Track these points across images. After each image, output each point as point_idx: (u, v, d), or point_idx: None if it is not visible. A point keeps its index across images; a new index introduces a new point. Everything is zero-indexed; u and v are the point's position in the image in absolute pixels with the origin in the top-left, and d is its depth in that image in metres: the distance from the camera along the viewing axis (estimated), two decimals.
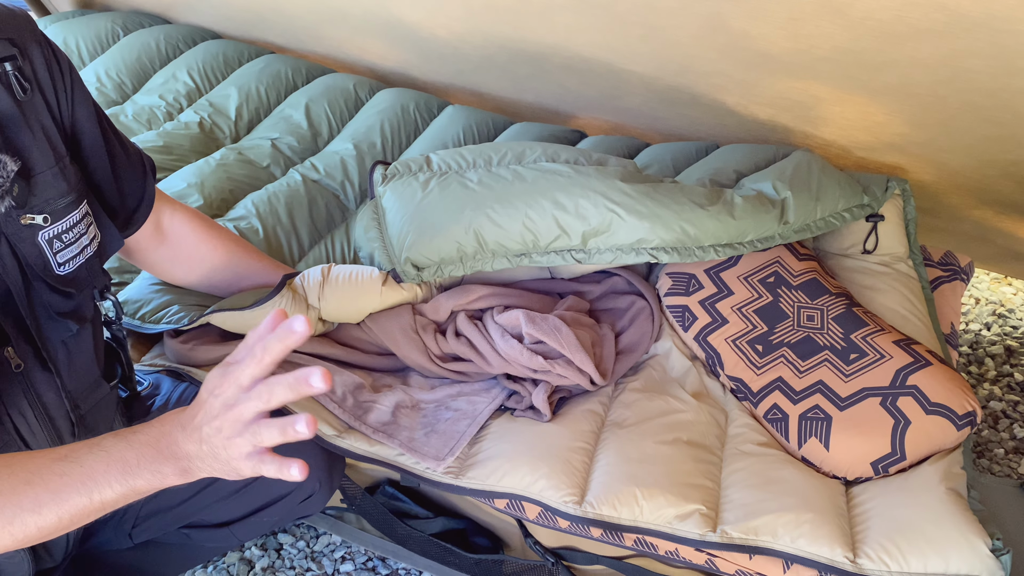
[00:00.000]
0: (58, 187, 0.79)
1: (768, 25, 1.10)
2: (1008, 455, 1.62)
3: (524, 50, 1.48)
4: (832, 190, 1.26)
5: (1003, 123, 1.14)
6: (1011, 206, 1.44)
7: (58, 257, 0.80)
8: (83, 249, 0.83)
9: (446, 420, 1.09)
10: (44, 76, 0.79)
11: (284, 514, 1.03)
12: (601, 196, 1.14)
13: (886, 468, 1.05)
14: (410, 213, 1.19)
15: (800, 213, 1.22)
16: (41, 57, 0.78)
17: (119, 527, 0.98)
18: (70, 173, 0.82)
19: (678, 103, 1.46)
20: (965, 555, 0.91)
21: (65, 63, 0.82)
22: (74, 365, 0.86)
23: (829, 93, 1.24)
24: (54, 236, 0.80)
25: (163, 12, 1.93)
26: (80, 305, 0.86)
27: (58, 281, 0.81)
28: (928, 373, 1.09)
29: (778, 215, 1.20)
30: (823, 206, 1.24)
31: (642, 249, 1.15)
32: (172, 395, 1.04)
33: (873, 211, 1.30)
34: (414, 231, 1.17)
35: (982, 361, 1.84)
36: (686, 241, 1.14)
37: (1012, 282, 2.08)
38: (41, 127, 0.78)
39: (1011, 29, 0.91)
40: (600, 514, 0.99)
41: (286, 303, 1.10)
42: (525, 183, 1.17)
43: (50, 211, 0.78)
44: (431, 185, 1.22)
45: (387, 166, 1.30)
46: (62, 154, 0.81)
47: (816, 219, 1.24)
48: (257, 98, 1.64)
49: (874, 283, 1.29)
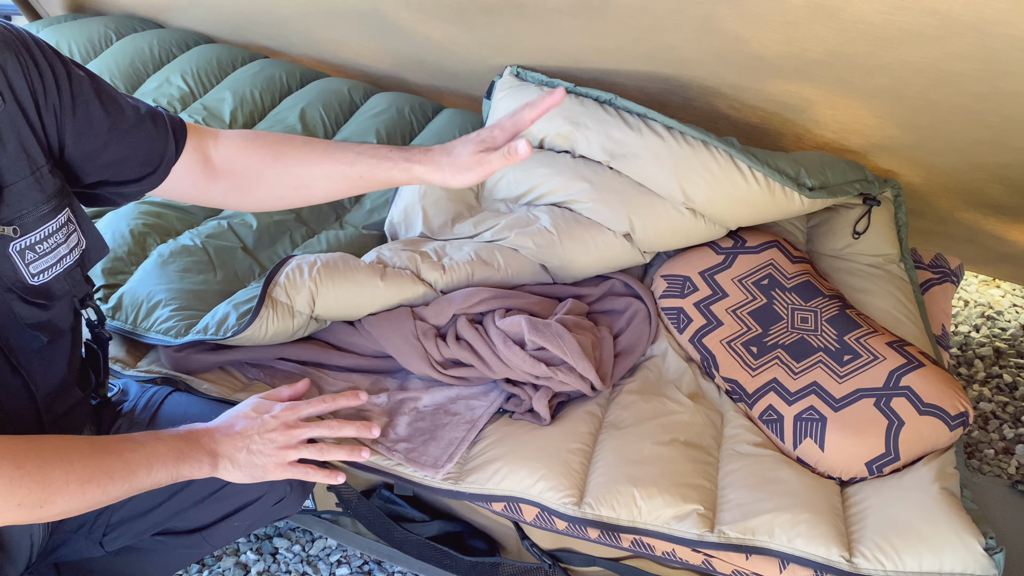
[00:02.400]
0: (32, 197, 0.78)
1: (761, 28, 1.11)
2: (998, 455, 1.64)
3: (518, 53, 1.48)
4: (838, 164, 1.31)
5: (993, 126, 1.15)
6: (1000, 209, 1.46)
7: (31, 268, 0.79)
8: (60, 259, 0.82)
9: (444, 426, 1.09)
10: (20, 85, 0.76)
11: (256, 518, 1.03)
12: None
13: (880, 468, 1.06)
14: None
15: (815, 177, 1.26)
16: (17, 65, 0.76)
17: (89, 535, 0.97)
18: (48, 182, 0.80)
19: (672, 106, 1.47)
20: (959, 554, 0.92)
21: (48, 67, 0.79)
22: (47, 372, 0.85)
23: (821, 96, 1.25)
24: (27, 247, 0.78)
25: (156, 16, 1.93)
26: (54, 317, 0.84)
27: (30, 293, 0.80)
28: (921, 374, 1.10)
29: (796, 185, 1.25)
30: (833, 174, 1.28)
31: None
32: (140, 400, 1.04)
33: (873, 191, 1.33)
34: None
35: (971, 363, 1.86)
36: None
37: (1000, 284, 2.10)
38: (16, 137, 0.76)
39: (1001, 33, 0.92)
40: (599, 515, 0.99)
41: (267, 322, 1.09)
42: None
43: (21, 222, 0.77)
44: None
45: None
46: (39, 164, 0.79)
47: (828, 183, 1.27)
48: (252, 102, 1.64)
49: (866, 285, 1.30)
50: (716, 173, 1.22)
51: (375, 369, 1.18)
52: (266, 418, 0.93)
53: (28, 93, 0.77)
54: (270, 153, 0.98)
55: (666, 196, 1.25)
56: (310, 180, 0.98)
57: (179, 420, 0.99)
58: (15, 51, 0.76)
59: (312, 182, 0.98)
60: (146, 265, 1.22)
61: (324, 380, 1.15)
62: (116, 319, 1.15)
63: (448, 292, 1.20)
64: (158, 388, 1.06)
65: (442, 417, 1.11)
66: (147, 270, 1.21)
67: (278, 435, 0.93)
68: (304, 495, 1.05)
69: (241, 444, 0.91)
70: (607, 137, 1.27)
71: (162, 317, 1.13)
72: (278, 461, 0.92)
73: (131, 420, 1.01)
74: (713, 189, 1.23)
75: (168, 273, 1.20)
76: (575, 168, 1.29)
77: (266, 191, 0.99)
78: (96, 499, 0.79)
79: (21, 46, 0.77)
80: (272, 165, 0.98)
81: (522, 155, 0.87)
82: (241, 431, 0.92)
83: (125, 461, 0.81)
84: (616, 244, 1.26)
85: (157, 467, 0.84)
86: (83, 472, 0.78)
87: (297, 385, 1.03)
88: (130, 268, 1.24)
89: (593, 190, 1.26)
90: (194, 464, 0.88)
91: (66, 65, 0.82)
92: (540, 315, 1.19)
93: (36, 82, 0.78)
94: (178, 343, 1.10)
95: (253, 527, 1.06)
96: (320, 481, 0.97)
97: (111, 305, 1.17)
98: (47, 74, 0.79)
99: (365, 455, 1.00)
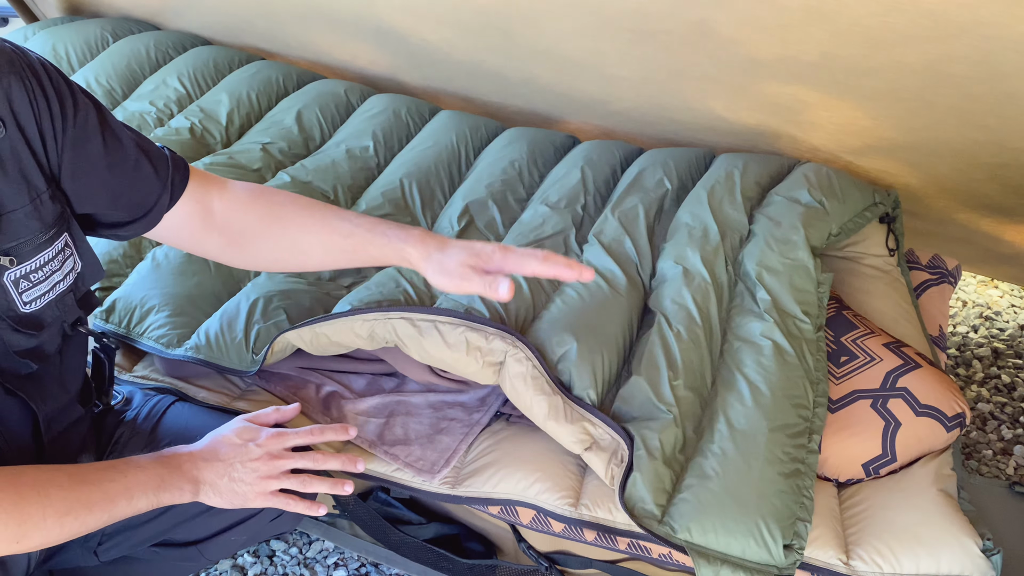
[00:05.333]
0: (30, 227, 0.77)
1: (757, 31, 1.11)
2: (996, 456, 1.64)
3: (514, 55, 1.48)
4: (852, 192, 1.31)
5: (989, 127, 1.15)
6: (997, 209, 1.46)
7: (23, 297, 0.78)
8: (54, 286, 0.81)
9: (441, 431, 1.09)
10: (24, 110, 0.74)
11: (253, 533, 1.02)
12: None
13: (877, 470, 1.06)
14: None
15: (835, 216, 1.26)
16: (21, 89, 0.74)
17: (84, 545, 0.96)
18: (47, 210, 0.78)
19: (668, 107, 1.47)
20: (957, 555, 0.92)
21: (55, 93, 0.78)
22: (44, 394, 0.84)
23: (817, 98, 1.25)
24: (21, 276, 0.77)
25: (152, 18, 1.93)
26: (43, 343, 0.83)
27: (20, 321, 0.79)
28: (918, 375, 1.10)
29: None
30: (848, 208, 1.29)
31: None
32: (142, 409, 1.03)
33: (885, 211, 1.34)
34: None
35: (970, 363, 1.86)
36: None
37: (998, 285, 2.10)
38: (17, 163, 0.74)
39: (996, 35, 0.92)
40: (595, 516, 0.99)
41: (264, 359, 1.07)
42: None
43: (17, 252, 0.76)
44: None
45: None
46: (39, 191, 0.77)
47: (845, 221, 1.28)
48: (248, 104, 1.64)
49: (864, 286, 1.30)
50: None
51: (371, 372, 1.18)
52: (251, 446, 0.92)
53: (32, 118, 0.75)
54: (269, 214, 0.95)
55: None
56: (307, 247, 0.96)
57: (180, 431, 1.00)
58: (21, 75, 0.74)
59: (309, 249, 0.96)
60: (140, 268, 1.22)
61: (319, 383, 1.15)
62: (110, 323, 1.15)
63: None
64: (161, 397, 1.06)
65: (439, 421, 1.11)
66: (141, 274, 1.21)
67: (261, 464, 0.91)
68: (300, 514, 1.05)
69: (223, 471, 0.90)
70: None
71: (155, 323, 1.13)
72: (259, 490, 0.91)
73: (133, 429, 1.00)
74: None
75: (162, 276, 1.19)
76: None
77: (262, 251, 0.97)
78: (74, 531, 0.78)
79: (28, 70, 0.75)
80: (270, 226, 0.95)
81: (502, 296, 0.85)
82: (224, 458, 0.90)
83: (104, 491, 0.80)
84: None
85: (138, 495, 0.83)
86: (61, 505, 0.76)
87: (285, 410, 0.99)
88: (125, 271, 1.24)
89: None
90: (175, 492, 0.87)
91: (73, 94, 0.80)
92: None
93: (41, 108, 0.76)
94: (170, 356, 1.10)
95: (250, 542, 1.06)
96: (302, 512, 0.95)
97: (105, 308, 1.17)
98: (53, 101, 0.77)
99: (348, 489, 0.97)
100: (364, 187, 1.47)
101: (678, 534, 0.93)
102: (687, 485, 0.97)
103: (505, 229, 1.36)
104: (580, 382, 1.04)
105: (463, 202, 1.38)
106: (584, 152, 1.51)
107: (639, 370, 1.07)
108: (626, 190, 1.38)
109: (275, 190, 1.00)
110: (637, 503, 0.95)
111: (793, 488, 0.96)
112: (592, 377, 1.04)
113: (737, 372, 1.07)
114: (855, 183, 1.34)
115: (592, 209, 1.37)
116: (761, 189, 1.36)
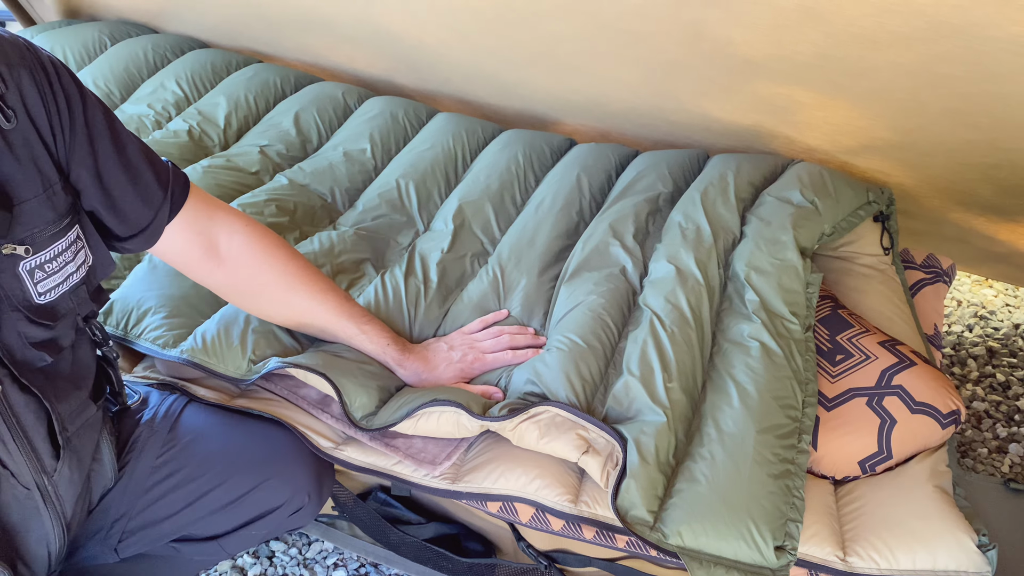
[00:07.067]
0: (44, 216, 0.78)
1: (752, 32, 1.12)
2: (991, 454, 1.65)
3: (510, 57, 1.49)
4: (845, 190, 1.32)
5: (982, 127, 1.16)
6: (990, 208, 1.47)
7: (39, 287, 0.79)
8: (67, 277, 0.82)
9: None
10: (34, 102, 0.76)
11: (274, 527, 1.03)
12: None
13: (873, 467, 1.07)
14: None
15: (828, 216, 1.26)
16: (32, 82, 0.76)
17: (104, 542, 0.97)
18: (60, 200, 0.80)
19: (664, 109, 1.48)
20: (953, 551, 0.93)
21: (63, 92, 0.79)
22: (57, 390, 0.84)
23: (812, 99, 1.26)
24: (36, 266, 0.78)
25: (150, 21, 1.93)
26: (57, 336, 0.84)
27: (35, 312, 0.79)
28: (913, 373, 1.10)
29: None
30: (842, 207, 1.29)
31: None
32: (160, 408, 1.04)
33: (879, 209, 1.34)
34: None
35: (965, 362, 1.87)
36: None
37: (993, 284, 2.11)
38: (30, 153, 0.76)
39: (989, 35, 0.93)
40: (595, 513, 1.00)
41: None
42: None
43: (32, 241, 0.77)
44: None
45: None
46: (52, 181, 0.79)
47: (839, 220, 1.28)
48: (246, 106, 1.64)
49: (859, 285, 1.31)
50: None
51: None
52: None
53: (43, 111, 0.77)
54: (284, 283, 1.05)
55: None
56: (302, 311, 1.08)
57: (199, 431, 1.01)
58: (31, 69, 0.76)
59: (303, 312, 1.08)
60: (138, 271, 1.22)
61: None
62: (108, 325, 1.15)
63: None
64: (176, 397, 1.07)
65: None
66: (138, 276, 1.21)
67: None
68: (320, 504, 1.06)
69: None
70: None
71: (151, 325, 1.13)
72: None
73: (151, 429, 1.01)
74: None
75: (159, 278, 1.19)
76: None
77: (262, 307, 1.08)
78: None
79: (37, 65, 0.77)
80: (284, 292, 1.06)
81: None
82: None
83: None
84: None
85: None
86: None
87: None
88: (123, 273, 1.24)
89: None
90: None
91: (82, 94, 0.82)
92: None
93: (51, 103, 0.78)
94: (166, 357, 1.10)
95: (270, 535, 1.07)
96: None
97: (103, 310, 1.17)
98: (61, 98, 0.79)
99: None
100: (361, 189, 1.48)
101: (669, 539, 0.93)
102: (677, 490, 0.97)
103: (501, 231, 1.37)
104: (557, 391, 1.05)
105: (458, 202, 1.39)
106: (581, 156, 1.52)
107: (632, 370, 1.07)
108: (619, 195, 1.40)
109: (286, 249, 1.07)
110: (629, 510, 0.95)
111: (783, 489, 0.96)
112: (567, 382, 1.05)
113: (725, 374, 1.08)
114: (849, 181, 1.35)
115: (588, 215, 1.39)
116: (754, 189, 1.37)
